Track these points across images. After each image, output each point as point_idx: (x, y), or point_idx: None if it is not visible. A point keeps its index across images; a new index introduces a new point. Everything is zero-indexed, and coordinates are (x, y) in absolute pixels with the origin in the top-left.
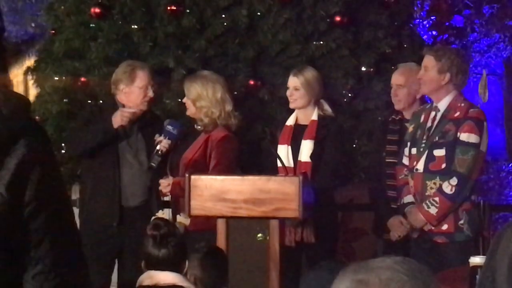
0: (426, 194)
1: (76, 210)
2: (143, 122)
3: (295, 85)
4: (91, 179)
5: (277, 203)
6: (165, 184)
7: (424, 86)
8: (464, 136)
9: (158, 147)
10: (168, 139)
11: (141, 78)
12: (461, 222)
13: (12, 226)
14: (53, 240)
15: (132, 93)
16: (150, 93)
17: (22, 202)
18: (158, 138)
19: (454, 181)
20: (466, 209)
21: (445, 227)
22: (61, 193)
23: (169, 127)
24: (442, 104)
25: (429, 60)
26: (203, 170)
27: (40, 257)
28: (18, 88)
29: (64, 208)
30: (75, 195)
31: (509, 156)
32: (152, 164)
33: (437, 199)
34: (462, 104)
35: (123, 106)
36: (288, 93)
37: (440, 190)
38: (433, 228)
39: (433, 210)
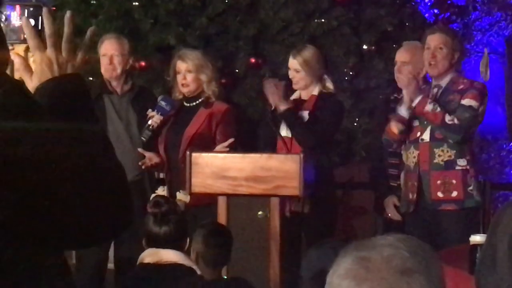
0: (435, 161)
1: None
2: (133, 95)
3: (295, 67)
4: None
5: (278, 181)
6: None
7: (439, 64)
8: (465, 101)
9: (149, 122)
10: (160, 114)
11: (104, 46)
12: (470, 188)
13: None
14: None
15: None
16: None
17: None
18: (150, 113)
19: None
20: (473, 175)
21: (454, 194)
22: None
23: (162, 103)
24: (444, 81)
25: (442, 39)
26: (208, 143)
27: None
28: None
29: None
30: None
31: (509, 135)
32: (143, 138)
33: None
34: (465, 80)
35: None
36: (290, 74)
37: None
38: (441, 195)
39: (432, 107)
